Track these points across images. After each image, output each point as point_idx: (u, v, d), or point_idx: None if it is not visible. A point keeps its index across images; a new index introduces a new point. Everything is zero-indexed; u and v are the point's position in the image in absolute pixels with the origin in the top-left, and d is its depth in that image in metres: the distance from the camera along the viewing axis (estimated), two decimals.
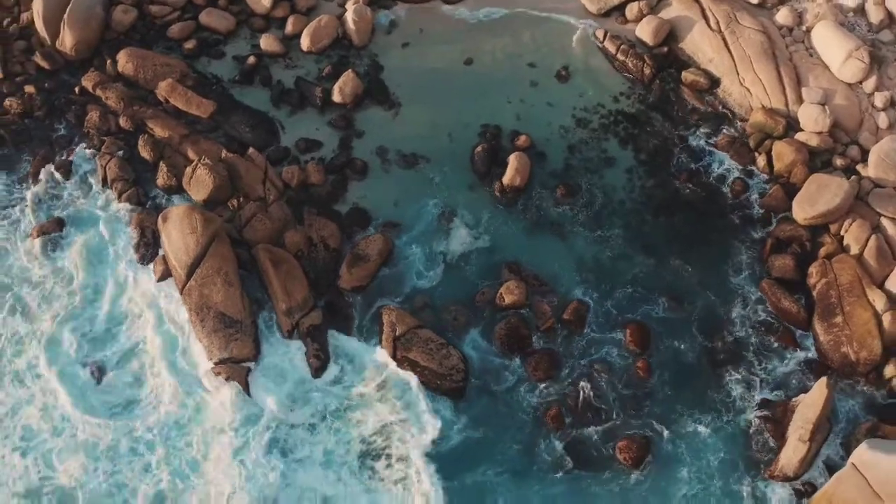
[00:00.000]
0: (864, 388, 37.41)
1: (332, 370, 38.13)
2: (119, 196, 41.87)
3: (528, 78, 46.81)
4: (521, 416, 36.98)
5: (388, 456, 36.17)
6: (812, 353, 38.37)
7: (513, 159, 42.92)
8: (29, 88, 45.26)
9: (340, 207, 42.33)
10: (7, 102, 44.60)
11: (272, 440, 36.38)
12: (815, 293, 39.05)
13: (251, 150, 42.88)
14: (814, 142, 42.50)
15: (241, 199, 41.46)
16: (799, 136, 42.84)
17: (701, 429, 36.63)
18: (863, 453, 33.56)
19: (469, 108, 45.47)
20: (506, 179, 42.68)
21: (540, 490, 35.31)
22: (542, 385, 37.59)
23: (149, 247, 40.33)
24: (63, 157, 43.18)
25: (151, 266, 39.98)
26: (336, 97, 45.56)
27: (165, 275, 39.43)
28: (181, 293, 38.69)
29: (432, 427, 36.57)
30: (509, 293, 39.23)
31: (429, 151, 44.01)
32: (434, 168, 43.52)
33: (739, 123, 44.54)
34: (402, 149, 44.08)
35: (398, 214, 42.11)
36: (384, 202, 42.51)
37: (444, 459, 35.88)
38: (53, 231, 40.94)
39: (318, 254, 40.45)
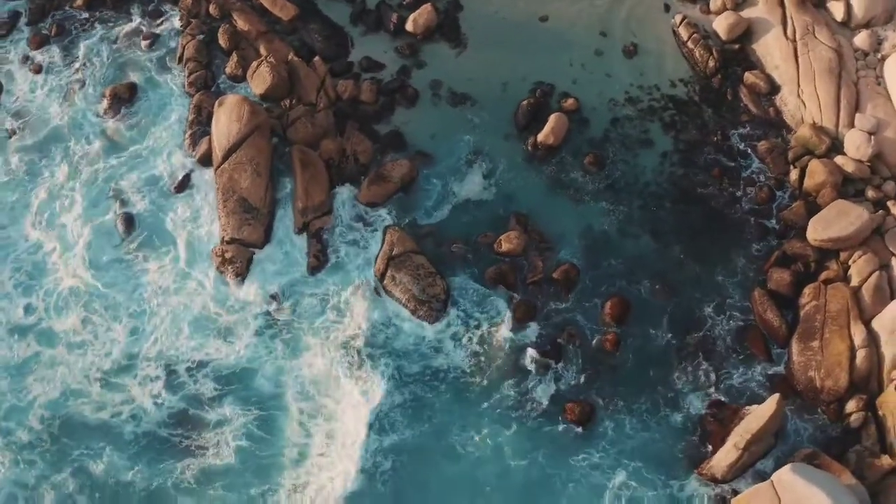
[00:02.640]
0: (821, 417, 37.47)
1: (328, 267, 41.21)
2: (189, 75, 45.48)
3: (596, 46, 47.53)
4: (485, 356, 39.09)
5: (355, 359, 39.00)
6: (780, 369, 38.69)
7: (552, 118, 44.16)
8: None
9: (381, 128, 44.72)
10: None
11: (264, 324, 39.75)
12: (801, 313, 39.21)
13: (317, 58, 45.79)
14: (850, 168, 41.89)
15: (294, 101, 44.48)
16: (837, 159, 42.25)
17: (645, 413, 37.78)
18: (784, 473, 34.21)
19: (530, 63, 46.69)
20: (541, 136, 44.04)
21: (468, 418, 37.57)
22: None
23: (201, 125, 43.86)
24: (151, 29, 47.19)
25: (197, 145, 43.43)
26: (409, 26, 47.59)
27: (206, 154, 42.86)
28: (214, 172, 42.28)
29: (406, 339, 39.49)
30: (508, 241, 41.11)
31: (478, 95, 45.68)
32: (478, 112, 45.24)
33: (785, 134, 44.22)
34: (455, 87, 45.94)
35: (431, 146, 44.24)
36: (422, 133, 44.65)
37: (403, 371, 38.73)
38: (124, 93, 45.08)
39: (348, 166, 43.20)
